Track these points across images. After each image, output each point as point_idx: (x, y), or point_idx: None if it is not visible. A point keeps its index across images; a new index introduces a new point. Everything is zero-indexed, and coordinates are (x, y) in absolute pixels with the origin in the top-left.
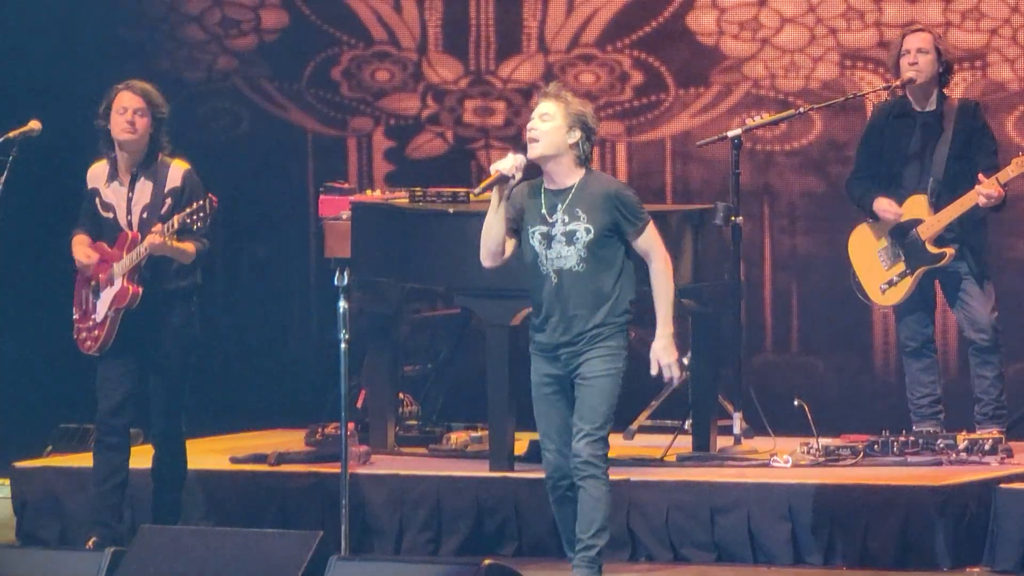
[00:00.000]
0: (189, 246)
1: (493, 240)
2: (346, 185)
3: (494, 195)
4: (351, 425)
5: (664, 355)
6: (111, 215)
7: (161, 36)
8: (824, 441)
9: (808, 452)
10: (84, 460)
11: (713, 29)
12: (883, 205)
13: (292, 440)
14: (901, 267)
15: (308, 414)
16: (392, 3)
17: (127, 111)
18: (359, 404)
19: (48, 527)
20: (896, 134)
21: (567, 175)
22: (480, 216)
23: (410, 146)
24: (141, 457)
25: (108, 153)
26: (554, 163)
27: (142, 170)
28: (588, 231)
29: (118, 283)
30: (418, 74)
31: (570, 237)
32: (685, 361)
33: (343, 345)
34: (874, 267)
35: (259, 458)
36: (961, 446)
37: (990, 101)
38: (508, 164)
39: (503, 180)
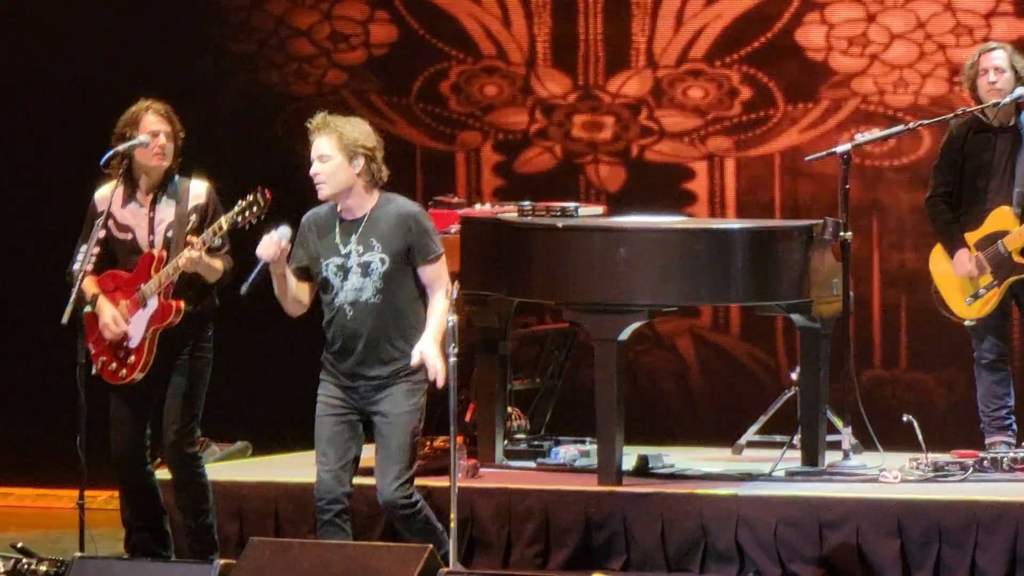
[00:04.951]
0: (218, 262)
1: (290, 302)
2: (455, 199)
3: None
4: (460, 438)
5: (428, 350)
6: (129, 236)
7: (270, 50)
8: (933, 457)
9: (917, 468)
10: None
11: (822, 44)
12: (962, 261)
13: None
14: (988, 279)
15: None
16: (501, 18)
17: (159, 135)
18: (468, 417)
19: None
20: (976, 148)
21: (360, 204)
22: (589, 231)
23: (518, 160)
24: (256, 467)
25: (120, 173)
26: (346, 197)
27: (162, 190)
28: (383, 261)
29: (153, 303)
30: (527, 88)
31: (365, 268)
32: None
33: (452, 359)
34: (958, 281)
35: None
36: None
37: None
38: (271, 250)
39: (270, 263)
